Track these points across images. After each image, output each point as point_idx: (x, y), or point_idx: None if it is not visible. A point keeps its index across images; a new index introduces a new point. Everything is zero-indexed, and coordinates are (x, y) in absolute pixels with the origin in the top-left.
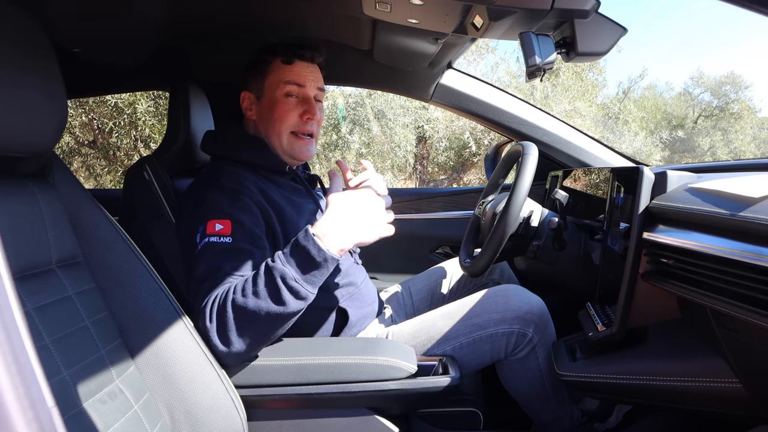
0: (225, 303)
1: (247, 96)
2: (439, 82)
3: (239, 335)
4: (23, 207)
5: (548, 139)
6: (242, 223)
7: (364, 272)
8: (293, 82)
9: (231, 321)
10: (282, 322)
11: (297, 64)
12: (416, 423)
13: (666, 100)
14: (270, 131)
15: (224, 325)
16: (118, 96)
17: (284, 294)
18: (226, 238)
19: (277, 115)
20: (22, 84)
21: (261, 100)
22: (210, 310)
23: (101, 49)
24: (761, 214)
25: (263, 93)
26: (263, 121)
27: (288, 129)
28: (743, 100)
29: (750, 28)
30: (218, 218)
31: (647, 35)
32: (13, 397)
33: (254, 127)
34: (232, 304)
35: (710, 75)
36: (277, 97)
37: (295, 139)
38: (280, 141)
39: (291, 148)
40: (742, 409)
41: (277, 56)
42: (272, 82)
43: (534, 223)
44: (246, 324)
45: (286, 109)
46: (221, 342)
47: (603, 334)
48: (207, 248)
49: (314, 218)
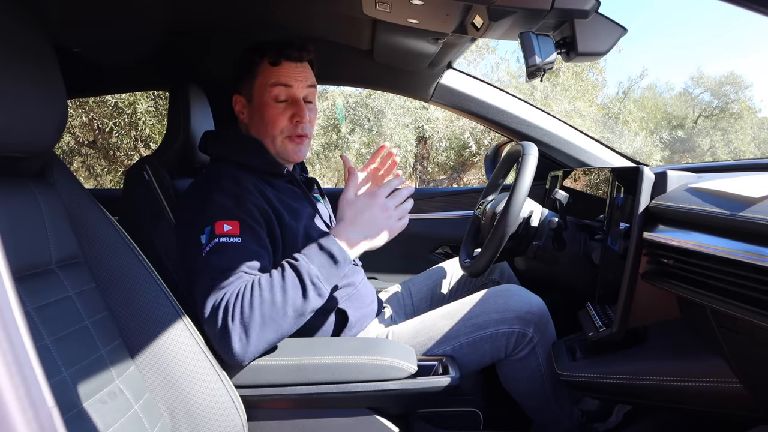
0: (250, 299)
1: (238, 99)
2: (439, 82)
3: (261, 330)
4: (23, 207)
5: (548, 139)
6: (249, 224)
7: (362, 273)
8: (280, 83)
9: (256, 316)
10: (302, 319)
11: (284, 65)
12: (416, 423)
13: (666, 100)
14: (262, 135)
15: (247, 321)
16: (118, 96)
17: (309, 290)
18: (235, 238)
19: (267, 120)
20: (22, 84)
21: (252, 104)
22: (228, 308)
23: (101, 48)
24: (761, 214)
25: (253, 96)
26: (255, 125)
27: (280, 134)
28: (743, 100)
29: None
30: (226, 219)
31: (647, 35)
32: (13, 397)
33: (247, 130)
34: (260, 300)
35: (710, 75)
36: (266, 101)
37: (287, 141)
38: (273, 144)
39: (284, 150)
40: (742, 409)
41: (265, 57)
42: (260, 85)
43: (534, 223)
44: (269, 319)
45: (276, 113)
46: (241, 338)
47: (603, 334)
48: (217, 248)
49: (312, 222)
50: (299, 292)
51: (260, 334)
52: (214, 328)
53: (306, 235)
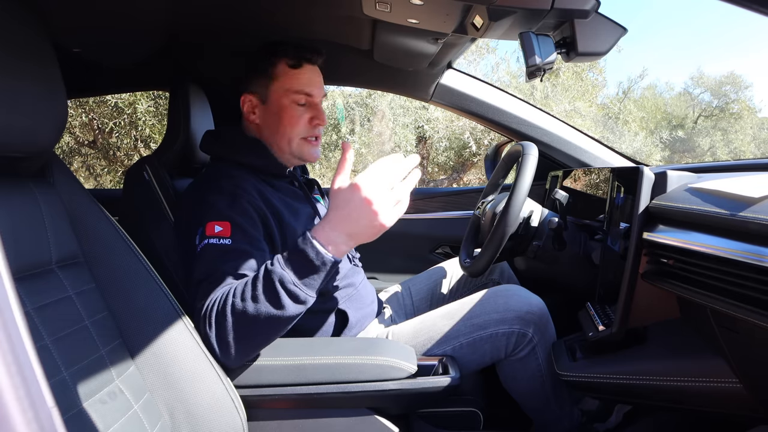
0: (224, 308)
1: (248, 99)
2: (439, 82)
3: (237, 340)
4: (23, 207)
5: (548, 139)
6: (241, 225)
7: (362, 273)
8: (303, 91)
9: (230, 326)
10: (281, 326)
11: (305, 68)
12: (416, 423)
13: (666, 100)
14: (277, 136)
15: (223, 330)
16: (118, 96)
17: (283, 298)
18: (225, 239)
19: (286, 122)
20: (22, 84)
21: (266, 105)
22: (209, 314)
23: (101, 48)
24: (761, 214)
25: (268, 97)
26: (269, 126)
27: (298, 135)
28: (743, 100)
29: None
30: (217, 220)
31: (647, 35)
32: (13, 397)
33: (256, 131)
34: (231, 309)
35: (710, 75)
36: (285, 104)
37: (304, 143)
38: (289, 146)
39: (300, 151)
40: (742, 409)
41: (283, 58)
42: (280, 88)
43: (534, 223)
44: (244, 329)
45: (295, 115)
46: (220, 347)
47: (603, 334)
48: (206, 250)
49: (312, 223)
50: (273, 299)
51: (238, 343)
52: (201, 329)
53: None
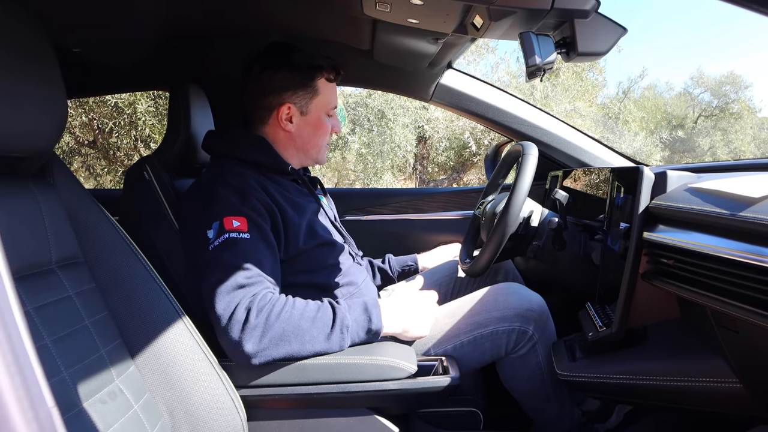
0: (280, 311)
1: (289, 109)
2: (439, 82)
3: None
4: (23, 207)
5: (548, 139)
6: (255, 220)
7: (365, 272)
8: (334, 104)
9: (278, 327)
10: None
11: (334, 83)
12: (416, 423)
13: (666, 100)
14: (309, 145)
15: (268, 328)
16: (118, 96)
17: (335, 333)
18: (244, 234)
19: (320, 132)
20: (22, 84)
21: (305, 116)
22: (253, 307)
23: (101, 48)
24: (761, 214)
25: (310, 111)
26: (302, 136)
27: (324, 143)
28: (743, 100)
29: (750, 28)
30: (234, 215)
31: (647, 35)
32: (13, 397)
33: (284, 138)
34: (288, 315)
35: (710, 75)
36: (322, 117)
37: (323, 149)
38: (316, 152)
39: (318, 156)
40: (742, 409)
41: (322, 72)
42: (322, 103)
43: (534, 223)
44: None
45: (326, 126)
46: (258, 340)
47: (603, 334)
48: (228, 243)
49: (315, 217)
50: (327, 329)
51: (275, 345)
52: (227, 322)
53: (309, 229)
